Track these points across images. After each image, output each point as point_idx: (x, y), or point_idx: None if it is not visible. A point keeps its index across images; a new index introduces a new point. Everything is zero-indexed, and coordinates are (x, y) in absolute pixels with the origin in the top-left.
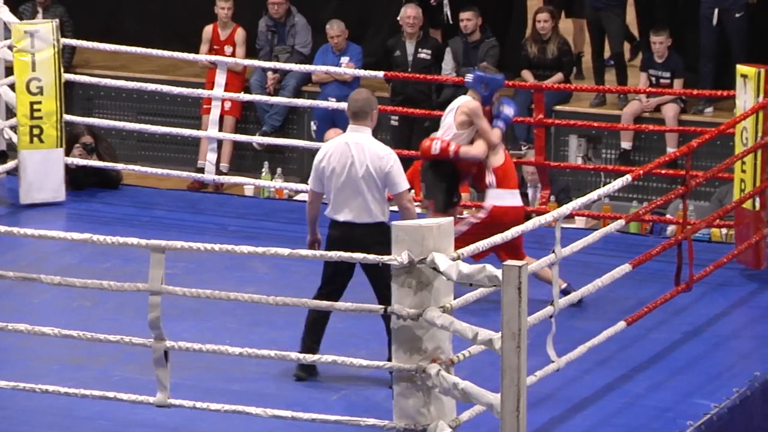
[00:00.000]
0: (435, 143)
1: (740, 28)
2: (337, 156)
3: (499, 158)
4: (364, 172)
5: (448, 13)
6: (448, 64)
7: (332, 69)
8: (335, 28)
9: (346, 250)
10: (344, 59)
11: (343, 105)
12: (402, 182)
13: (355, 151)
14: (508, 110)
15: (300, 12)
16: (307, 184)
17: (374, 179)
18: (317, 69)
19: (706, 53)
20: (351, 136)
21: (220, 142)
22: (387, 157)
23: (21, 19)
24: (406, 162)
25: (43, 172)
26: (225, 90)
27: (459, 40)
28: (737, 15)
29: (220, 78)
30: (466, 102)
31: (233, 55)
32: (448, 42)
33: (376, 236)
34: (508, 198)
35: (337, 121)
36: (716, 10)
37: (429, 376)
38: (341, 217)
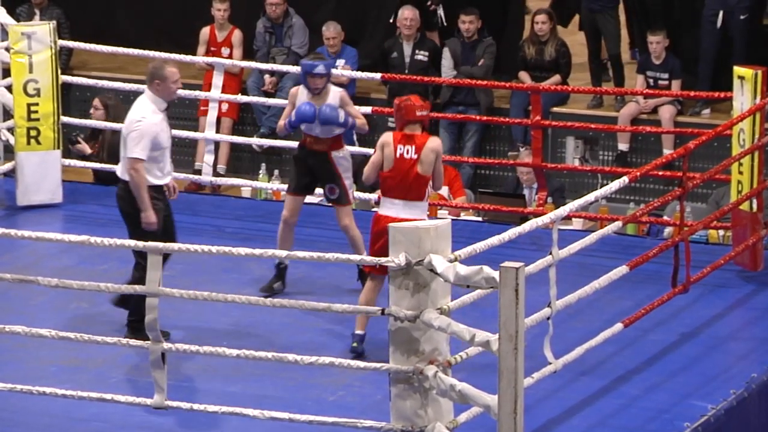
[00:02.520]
0: None
1: (743, 30)
2: None
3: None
4: (123, 133)
5: (442, 16)
6: (445, 64)
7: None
8: (331, 30)
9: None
10: (340, 62)
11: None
12: (133, 147)
13: (128, 114)
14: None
15: (296, 13)
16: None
17: (123, 140)
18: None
19: (706, 55)
20: (138, 98)
21: (217, 144)
22: (132, 124)
23: (18, 20)
24: None
25: (40, 173)
26: (222, 92)
27: (456, 40)
28: (742, 17)
29: (217, 80)
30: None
31: (230, 56)
32: (445, 42)
33: (121, 192)
34: (387, 207)
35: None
36: (721, 12)
37: (426, 378)
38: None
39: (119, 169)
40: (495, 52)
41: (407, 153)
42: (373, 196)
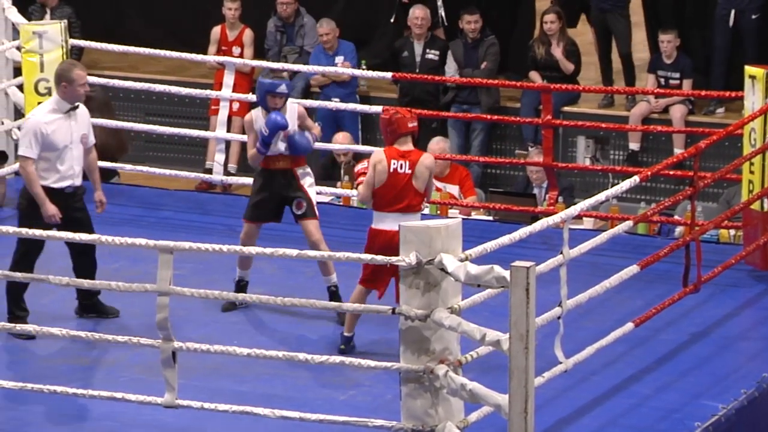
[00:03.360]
0: None
1: (755, 30)
2: None
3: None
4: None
5: (443, 15)
6: (450, 66)
7: (328, 69)
8: (324, 27)
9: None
10: (339, 59)
11: (353, 106)
12: (20, 146)
13: None
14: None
15: (310, 12)
16: (315, 186)
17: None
18: (327, 70)
19: (719, 54)
20: None
21: (228, 143)
22: (25, 122)
23: (29, 19)
24: None
25: None
26: (233, 91)
27: (459, 41)
28: (753, 17)
29: (228, 79)
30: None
31: (241, 56)
32: (448, 44)
33: (21, 190)
34: (382, 221)
35: (339, 121)
36: (732, 11)
37: (437, 377)
38: None
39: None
40: (498, 52)
41: (401, 168)
42: None
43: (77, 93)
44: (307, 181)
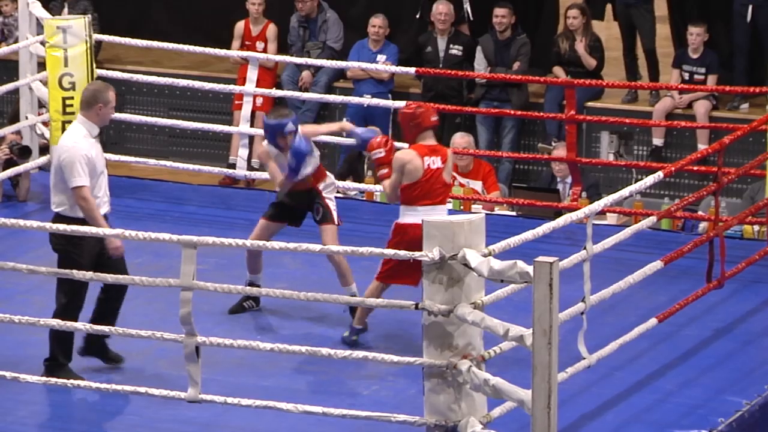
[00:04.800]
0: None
1: None
2: None
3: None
4: (53, 163)
5: (468, 10)
6: (480, 63)
7: (366, 65)
8: (379, 19)
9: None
10: (381, 57)
11: (376, 101)
12: (71, 178)
13: (59, 141)
14: (295, 155)
15: (330, 8)
16: (340, 181)
17: (55, 169)
18: (351, 65)
19: (740, 49)
20: (72, 124)
21: (251, 138)
22: (64, 149)
23: (52, 14)
24: None
25: None
26: (257, 86)
27: (489, 38)
28: None
29: (252, 74)
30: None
31: (265, 51)
32: (478, 40)
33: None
34: (413, 215)
35: (369, 118)
36: (750, 7)
37: (460, 373)
38: None
39: (52, 204)
40: (530, 51)
41: (434, 163)
42: None
43: (109, 115)
44: (327, 189)
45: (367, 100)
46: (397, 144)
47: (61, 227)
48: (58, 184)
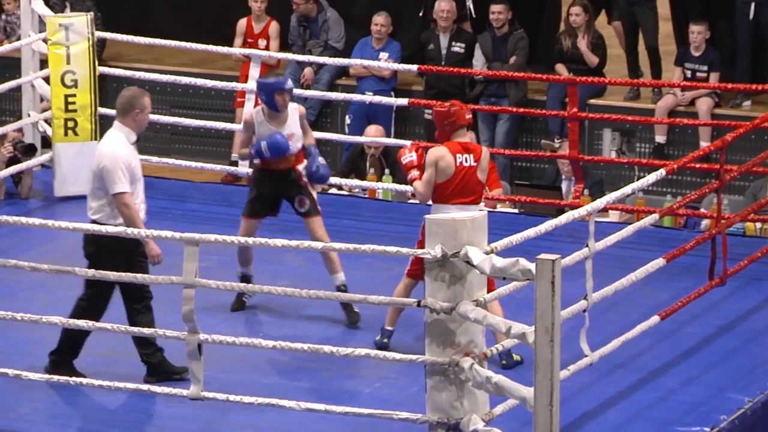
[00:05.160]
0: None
1: None
2: None
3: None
4: (93, 169)
5: (471, 7)
6: (478, 60)
7: (367, 63)
8: (381, 18)
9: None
10: (383, 55)
11: (378, 98)
12: (112, 184)
13: (97, 148)
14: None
15: (332, 6)
16: (339, 177)
17: (95, 176)
18: (353, 62)
19: (742, 47)
20: (108, 131)
21: None
22: (102, 156)
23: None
24: None
25: (78, 164)
26: None
27: (487, 35)
28: None
29: (254, 71)
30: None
31: (267, 48)
32: (477, 38)
33: (88, 234)
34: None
35: (371, 116)
36: (753, 4)
37: (462, 370)
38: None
39: (88, 210)
40: (527, 46)
41: (466, 161)
42: (410, 188)
43: (146, 121)
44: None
45: (369, 97)
46: (399, 141)
47: (63, 225)
48: (97, 190)
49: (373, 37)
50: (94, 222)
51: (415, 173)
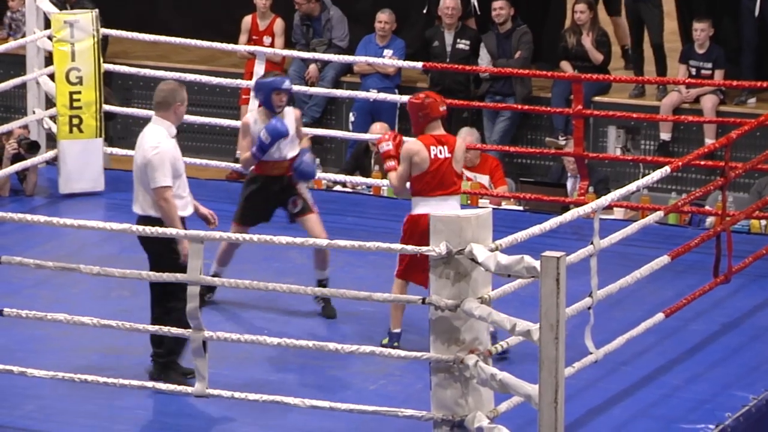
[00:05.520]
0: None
1: None
2: (136, 146)
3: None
4: (138, 164)
5: (476, 4)
6: (483, 58)
7: (372, 60)
8: (384, 15)
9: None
10: (387, 52)
11: (383, 96)
12: (156, 178)
13: (140, 142)
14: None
15: (335, 4)
16: (344, 174)
17: (143, 170)
18: (358, 60)
19: (747, 44)
20: (148, 126)
21: None
22: (150, 149)
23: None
24: None
25: (83, 162)
26: None
27: (492, 33)
28: None
29: (259, 68)
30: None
31: (272, 45)
32: (481, 36)
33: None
34: (425, 206)
35: (375, 113)
36: (758, 1)
37: (467, 367)
38: (133, 207)
39: (136, 206)
40: (531, 41)
41: (441, 153)
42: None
43: (184, 113)
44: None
45: (373, 94)
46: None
47: (68, 222)
48: (142, 184)
49: (377, 35)
50: (146, 217)
51: (391, 163)
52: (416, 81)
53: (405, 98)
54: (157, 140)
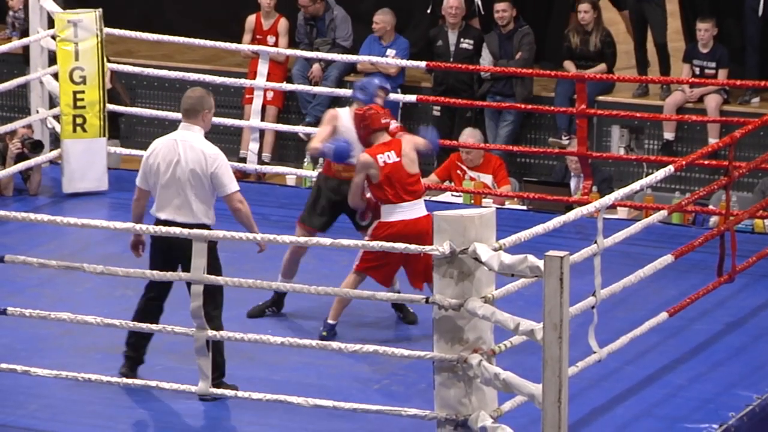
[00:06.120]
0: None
1: None
2: (164, 153)
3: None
4: (189, 172)
5: (479, 3)
6: (485, 58)
7: (375, 59)
8: (378, 16)
9: (167, 250)
10: (390, 52)
11: (391, 96)
12: (229, 183)
13: (182, 150)
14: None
15: (339, 4)
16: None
17: (199, 179)
18: (361, 59)
19: (751, 43)
20: (180, 133)
21: (262, 132)
22: (213, 157)
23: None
24: (446, 152)
25: (86, 161)
26: (267, 80)
27: (494, 33)
28: None
29: (263, 68)
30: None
31: (276, 45)
32: (484, 36)
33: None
34: (395, 213)
35: None
36: (762, 1)
37: (470, 367)
38: (163, 215)
39: (173, 214)
40: (533, 42)
41: (389, 158)
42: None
43: (211, 121)
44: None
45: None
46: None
47: (71, 221)
48: (201, 192)
49: (377, 35)
50: (203, 226)
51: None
52: (420, 81)
53: (408, 98)
54: (212, 147)
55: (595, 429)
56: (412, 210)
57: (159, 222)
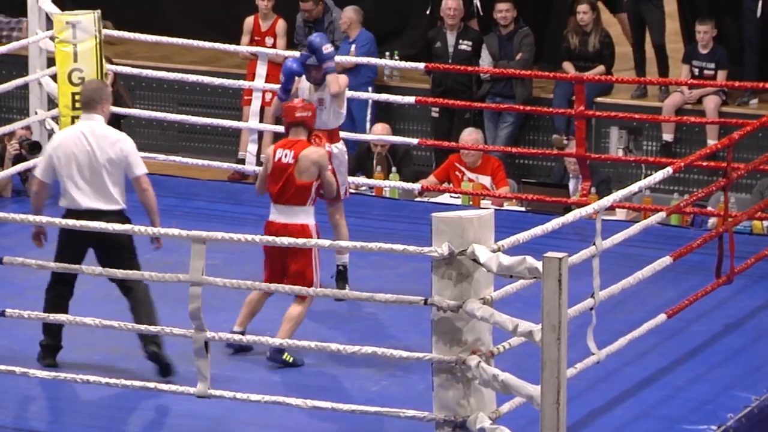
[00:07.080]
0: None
1: None
2: (72, 145)
3: None
4: (106, 159)
5: (478, 4)
6: (485, 59)
7: (372, 60)
8: (342, 12)
9: (84, 239)
10: (352, 47)
11: (385, 97)
12: (139, 165)
13: (92, 139)
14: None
15: (339, 6)
16: (348, 176)
17: (115, 164)
18: (359, 60)
19: (750, 45)
20: (84, 124)
21: (260, 134)
22: (124, 141)
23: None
24: (445, 153)
25: None
26: (266, 81)
27: (493, 35)
28: None
29: (261, 69)
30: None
31: (274, 46)
32: (483, 38)
33: (118, 222)
34: (272, 213)
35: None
36: (760, 2)
37: (469, 368)
38: (84, 204)
39: (93, 202)
40: (533, 43)
41: (285, 157)
42: (417, 186)
43: (110, 111)
44: (338, 160)
45: (370, 95)
46: (402, 138)
47: (70, 222)
48: (118, 178)
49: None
50: (119, 213)
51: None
52: (419, 82)
53: (407, 99)
54: (119, 132)
55: (594, 430)
56: (280, 214)
57: (72, 212)
